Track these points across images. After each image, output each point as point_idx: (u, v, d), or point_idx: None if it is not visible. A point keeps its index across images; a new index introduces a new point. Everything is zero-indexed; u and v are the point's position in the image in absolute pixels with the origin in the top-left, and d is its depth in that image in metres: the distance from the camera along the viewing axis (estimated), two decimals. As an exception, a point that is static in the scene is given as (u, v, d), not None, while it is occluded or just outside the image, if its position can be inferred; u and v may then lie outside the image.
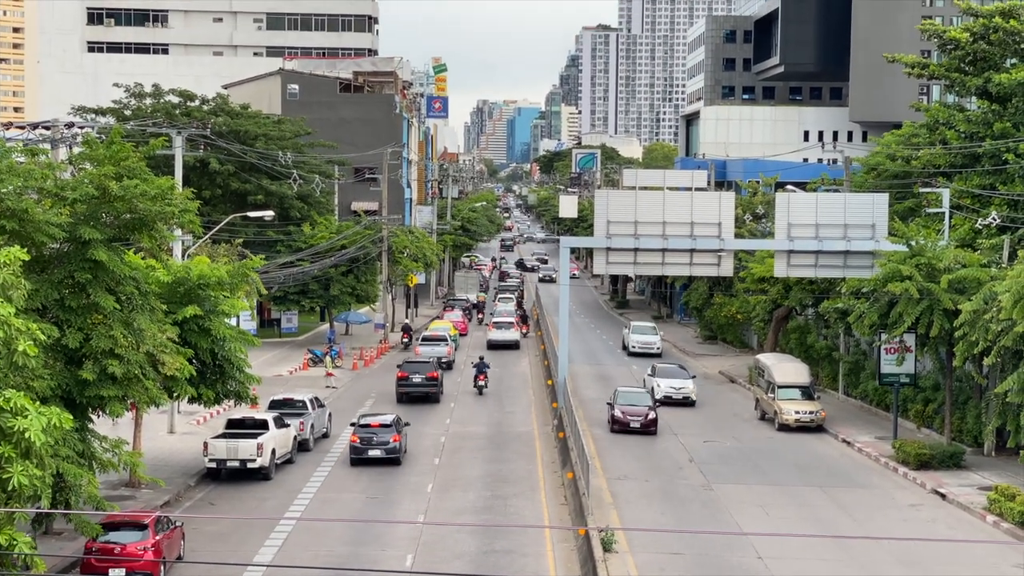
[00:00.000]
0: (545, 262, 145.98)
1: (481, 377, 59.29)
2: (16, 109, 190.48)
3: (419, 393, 55.76)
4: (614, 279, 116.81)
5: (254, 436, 39.11)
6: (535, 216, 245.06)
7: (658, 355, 70.91)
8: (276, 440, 40.10)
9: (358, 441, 42.24)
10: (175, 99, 77.09)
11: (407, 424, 44.96)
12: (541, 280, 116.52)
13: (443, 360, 64.22)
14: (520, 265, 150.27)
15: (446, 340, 68.71)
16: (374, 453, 41.97)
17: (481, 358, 61.93)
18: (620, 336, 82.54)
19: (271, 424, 40.31)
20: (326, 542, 31.55)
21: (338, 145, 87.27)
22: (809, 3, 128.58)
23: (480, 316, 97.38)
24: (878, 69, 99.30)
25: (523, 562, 29.97)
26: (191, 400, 35.41)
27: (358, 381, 62.56)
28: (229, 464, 38.60)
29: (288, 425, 42.00)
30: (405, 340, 77.40)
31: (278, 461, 40.27)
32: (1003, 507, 34.41)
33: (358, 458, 42.05)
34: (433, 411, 53.49)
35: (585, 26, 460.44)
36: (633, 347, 74.87)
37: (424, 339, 69.64)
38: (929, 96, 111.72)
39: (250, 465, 38.57)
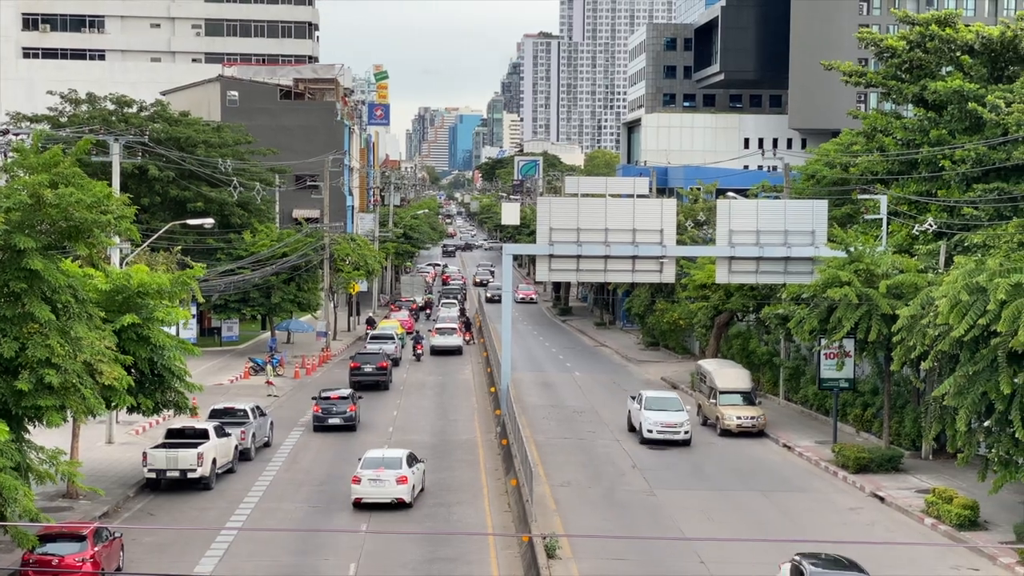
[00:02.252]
0: (491, 275, 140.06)
1: (419, 346, 74.33)
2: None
3: (370, 381, 61.23)
4: (557, 286, 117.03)
5: (194, 446, 38.74)
6: (478, 223, 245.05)
7: (685, 443, 47.50)
8: (217, 449, 39.74)
9: (320, 411, 50.00)
10: (112, 105, 76.29)
11: (360, 396, 52.16)
12: (489, 300, 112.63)
13: (391, 356, 68.02)
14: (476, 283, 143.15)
15: (393, 338, 72.96)
16: (334, 421, 49.71)
17: (417, 331, 77.59)
18: (574, 350, 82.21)
19: (212, 433, 39.95)
20: (268, 551, 31.30)
21: (279, 152, 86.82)
22: (748, 11, 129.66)
23: (428, 312, 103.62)
24: (816, 77, 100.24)
25: (467, 569, 29.89)
26: (130, 410, 34.97)
27: (300, 389, 62.17)
28: (169, 474, 38.21)
29: (229, 434, 41.66)
30: (369, 331, 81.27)
31: (219, 471, 39.91)
32: (940, 509, 34.81)
33: (320, 425, 49.61)
34: (383, 401, 53.27)
35: (527, 34, 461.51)
36: (649, 432, 47.55)
37: (372, 337, 73.97)
38: (866, 104, 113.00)
39: (190, 475, 38.19)
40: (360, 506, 36.62)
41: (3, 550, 29.03)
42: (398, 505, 36.43)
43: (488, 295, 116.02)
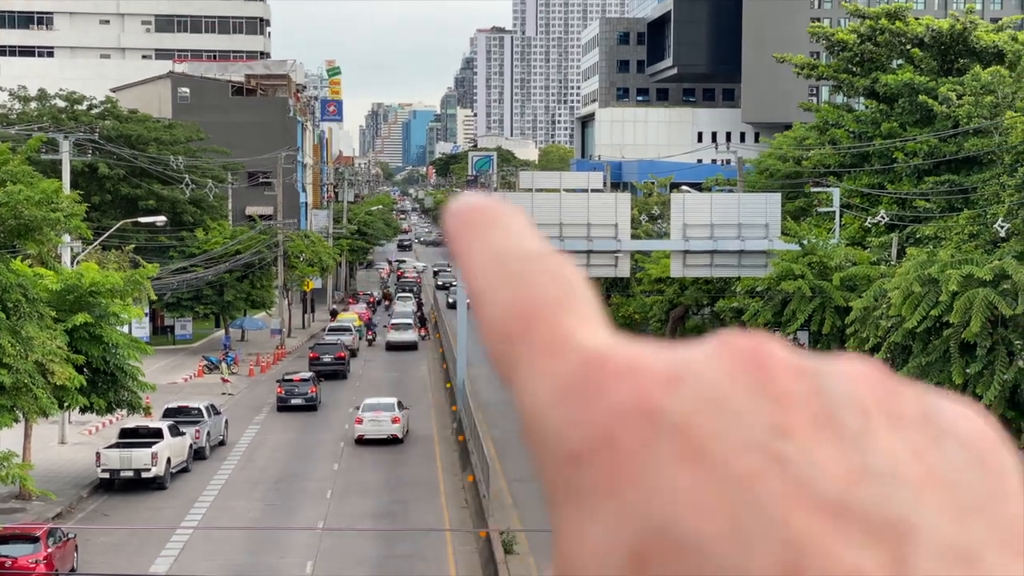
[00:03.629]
0: (448, 271, 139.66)
1: (370, 332, 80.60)
2: None
3: (329, 371, 63.20)
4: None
5: (148, 445, 38.40)
6: (432, 219, 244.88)
7: None
8: (171, 449, 39.42)
9: (283, 392, 53.59)
10: (62, 103, 75.50)
11: (321, 379, 56.16)
12: (449, 306, 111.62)
13: (349, 346, 70.60)
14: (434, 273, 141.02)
15: (351, 330, 76.19)
16: (296, 401, 53.17)
17: (370, 318, 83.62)
18: None
19: (166, 432, 39.62)
20: (224, 551, 31.09)
21: (231, 150, 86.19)
22: (701, 5, 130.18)
23: (388, 304, 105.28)
24: (769, 70, 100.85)
25: (424, 566, 29.83)
26: (83, 410, 34.66)
27: (255, 387, 61.82)
28: (123, 474, 37.85)
29: (183, 433, 41.33)
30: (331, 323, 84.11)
31: (173, 470, 39.60)
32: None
33: (283, 406, 53.15)
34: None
35: (479, 28, 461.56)
36: None
37: (331, 329, 77.09)
38: (818, 97, 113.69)
39: (144, 475, 37.86)
40: (360, 443, 45.45)
41: (-46, 553, 28.63)
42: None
43: (448, 297, 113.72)
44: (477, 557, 30.59)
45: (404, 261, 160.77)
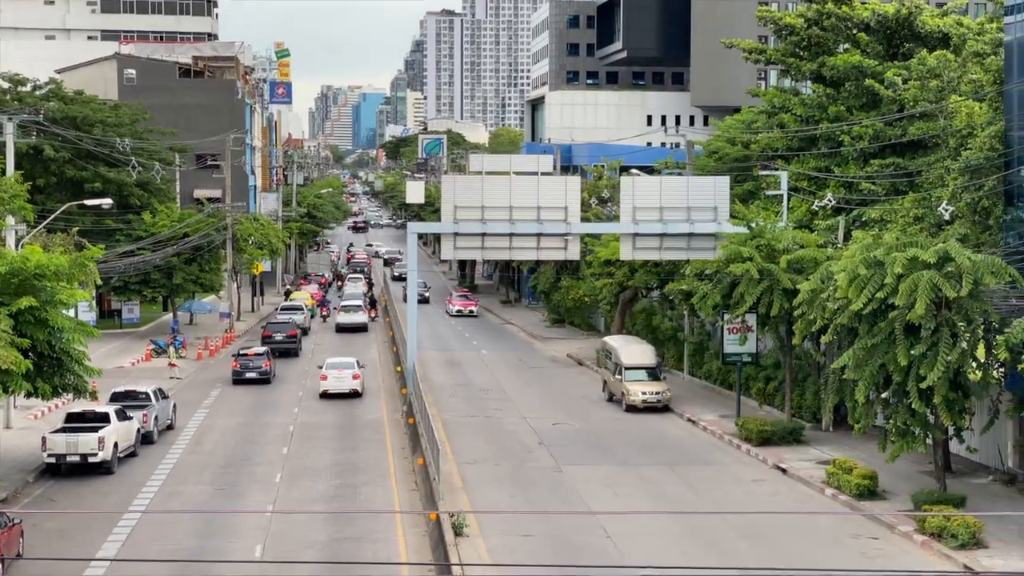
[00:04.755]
0: (400, 255, 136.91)
1: (324, 309, 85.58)
2: None
3: (281, 348, 65.26)
4: (462, 264, 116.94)
5: (95, 430, 38.11)
6: (382, 202, 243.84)
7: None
8: (118, 433, 39.14)
9: (238, 366, 56.32)
10: (5, 84, 74.46)
11: (275, 354, 60.04)
12: (394, 279, 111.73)
13: (300, 325, 72.53)
14: (385, 261, 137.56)
15: (303, 309, 78.12)
16: (251, 375, 56.01)
17: (323, 297, 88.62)
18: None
19: (113, 417, 39.33)
20: (172, 535, 30.92)
21: (178, 132, 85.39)
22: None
23: (340, 284, 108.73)
24: (718, 54, 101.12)
25: (374, 548, 29.82)
26: (28, 395, 34.29)
27: (203, 371, 61.45)
28: (69, 459, 37.55)
29: (131, 418, 41.04)
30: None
31: (121, 454, 39.32)
32: (840, 480, 35.47)
33: (239, 379, 55.95)
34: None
35: (429, 11, 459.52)
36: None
37: (283, 308, 79.21)
38: (767, 81, 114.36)
39: (91, 459, 37.57)
40: (325, 396, 52.07)
41: None
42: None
43: (395, 273, 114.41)
44: (427, 539, 30.62)
45: (352, 244, 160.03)
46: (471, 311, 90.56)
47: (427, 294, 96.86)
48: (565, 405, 51.98)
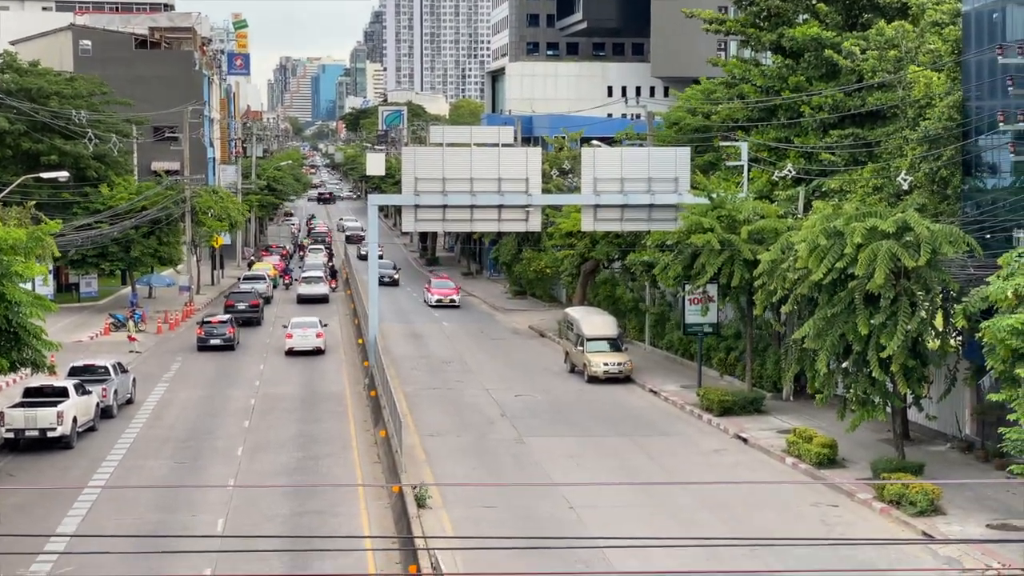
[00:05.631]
0: (363, 231, 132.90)
1: (287, 277, 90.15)
2: None
3: (244, 317, 65.91)
4: (423, 236, 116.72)
5: (54, 404, 37.82)
6: (342, 174, 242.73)
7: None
8: (77, 407, 38.86)
9: (203, 333, 58.02)
10: (-41, 55, 73.45)
11: (238, 322, 61.65)
12: (360, 258, 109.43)
13: (263, 294, 74.22)
14: (348, 238, 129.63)
15: (265, 279, 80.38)
16: (215, 341, 57.72)
17: (285, 267, 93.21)
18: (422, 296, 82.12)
19: (71, 391, 39.03)
20: (134, 510, 30.76)
21: (135, 103, 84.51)
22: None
23: (302, 255, 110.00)
24: (678, 25, 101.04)
25: (336, 522, 29.78)
26: (-15, 369, 33.95)
27: (163, 344, 61.09)
28: (28, 434, 37.26)
29: (90, 392, 40.74)
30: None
31: (80, 429, 39.06)
32: (801, 449, 35.72)
33: (203, 345, 57.66)
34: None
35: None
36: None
37: (246, 278, 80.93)
38: (727, 52, 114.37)
39: (50, 434, 37.30)
40: (290, 354, 55.96)
41: None
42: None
43: (360, 253, 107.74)
44: (390, 512, 30.61)
45: (314, 216, 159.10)
46: (453, 301, 77.52)
47: (396, 276, 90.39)
48: (527, 377, 52.04)
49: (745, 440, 39.15)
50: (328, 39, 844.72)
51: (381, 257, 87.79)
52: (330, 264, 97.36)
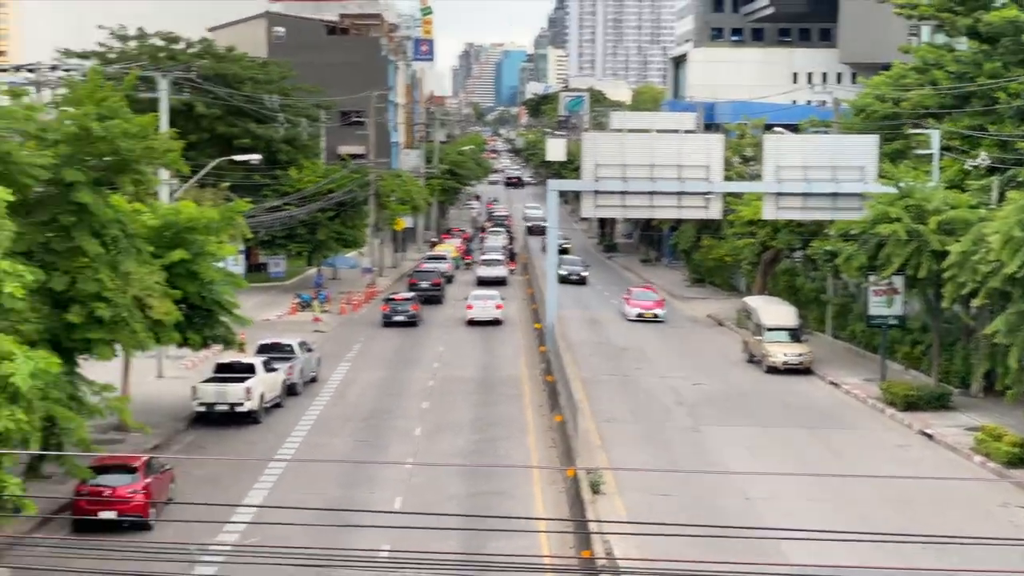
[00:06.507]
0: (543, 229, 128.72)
1: (468, 256, 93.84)
2: (0, 52, 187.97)
3: (426, 295, 67.91)
4: (602, 223, 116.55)
5: (242, 380, 39.08)
6: (523, 160, 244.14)
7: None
8: (264, 384, 40.08)
9: (387, 310, 61.24)
10: (159, 42, 76.24)
11: (422, 299, 64.13)
12: (543, 251, 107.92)
13: (444, 273, 77.01)
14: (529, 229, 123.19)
15: (446, 258, 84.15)
16: (399, 318, 60.58)
17: (467, 248, 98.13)
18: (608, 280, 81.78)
19: (259, 368, 40.27)
20: (316, 484, 31.60)
21: (324, 89, 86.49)
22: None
23: (483, 237, 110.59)
24: (868, 9, 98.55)
25: (511, 504, 30.06)
26: (179, 345, 35.29)
27: (346, 325, 62.51)
28: (218, 408, 38.59)
29: (276, 369, 41.97)
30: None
31: (267, 405, 40.28)
32: (989, 447, 34.58)
33: (388, 321, 60.62)
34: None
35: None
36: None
37: (429, 257, 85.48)
38: (919, 36, 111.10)
39: (239, 409, 38.56)
40: (471, 323, 60.94)
41: (56, 481, 29.43)
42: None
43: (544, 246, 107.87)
44: (564, 496, 30.76)
45: (496, 200, 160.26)
46: (657, 316, 65.28)
47: (585, 274, 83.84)
48: (704, 365, 51.60)
49: (930, 436, 38.10)
50: (512, 25, 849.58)
51: (567, 252, 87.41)
52: (509, 247, 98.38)
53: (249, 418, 38.86)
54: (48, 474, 29.92)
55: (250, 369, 40.13)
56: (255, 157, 55.65)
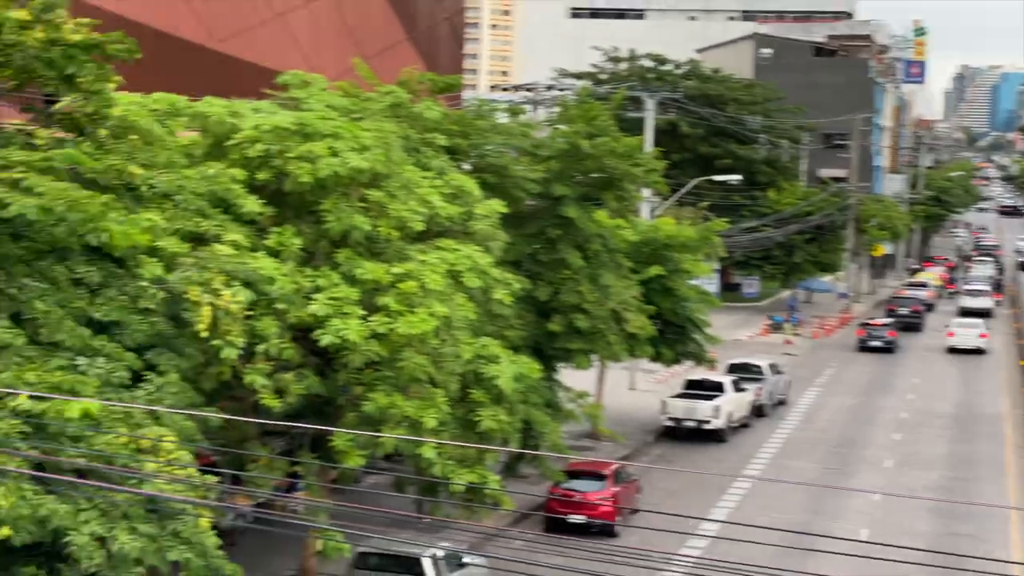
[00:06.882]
0: None
1: (951, 286, 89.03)
2: (503, 73, 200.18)
3: (904, 322, 66.85)
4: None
5: (711, 398, 39.44)
6: (1017, 187, 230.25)
7: None
8: (732, 403, 40.23)
9: (864, 335, 60.86)
10: (649, 63, 78.46)
11: (900, 326, 62.85)
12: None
13: (925, 301, 75.78)
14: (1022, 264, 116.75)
15: (927, 286, 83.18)
16: (874, 343, 59.94)
17: (950, 277, 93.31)
18: None
19: (728, 387, 40.47)
20: (780, 507, 31.41)
21: (807, 110, 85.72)
22: None
23: (967, 267, 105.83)
24: None
25: (984, 548, 28.51)
26: (651, 359, 36.16)
27: (818, 349, 61.56)
28: (686, 423, 39.12)
29: (745, 389, 42.02)
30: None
31: (733, 424, 40.40)
32: None
33: (863, 346, 60.17)
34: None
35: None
36: None
37: (909, 284, 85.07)
38: None
39: (706, 426, 38.92)
40: (951, 351, 59.65)
41: (531, 482, 30.93)
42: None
43: None
44: (1045, 546, 28.85)
45: (985, 228, 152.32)
46: None
47: None
48: None
49: None
50: (1012, 47, 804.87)
51: None
52: (997, 278, 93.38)
53: (715, 436, 39.13)
54: (524, 474, 31.60)
55: (719, 387, 40.42)
56: (735, 178, 56.11)
